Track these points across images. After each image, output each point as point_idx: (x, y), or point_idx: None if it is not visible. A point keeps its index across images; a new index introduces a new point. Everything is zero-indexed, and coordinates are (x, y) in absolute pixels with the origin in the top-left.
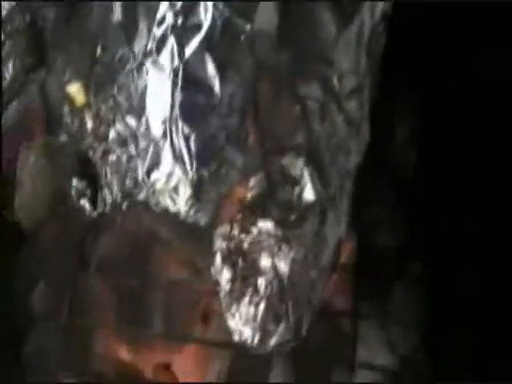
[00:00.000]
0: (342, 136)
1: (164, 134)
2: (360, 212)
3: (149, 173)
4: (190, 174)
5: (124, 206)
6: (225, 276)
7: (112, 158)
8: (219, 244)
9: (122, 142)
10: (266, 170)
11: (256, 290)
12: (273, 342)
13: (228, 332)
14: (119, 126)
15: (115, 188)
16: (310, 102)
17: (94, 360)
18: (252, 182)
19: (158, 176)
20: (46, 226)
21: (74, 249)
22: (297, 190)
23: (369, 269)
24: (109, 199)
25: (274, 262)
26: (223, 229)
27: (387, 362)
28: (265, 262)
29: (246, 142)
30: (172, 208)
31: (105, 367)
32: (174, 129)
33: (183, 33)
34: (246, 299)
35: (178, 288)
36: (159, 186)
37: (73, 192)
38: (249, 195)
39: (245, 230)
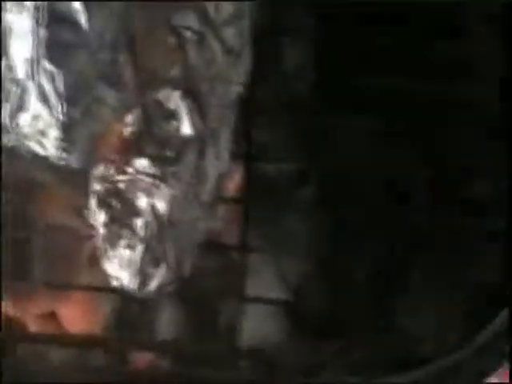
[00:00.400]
0: (220, 65)
1: (28, 75)
2: (247, 138)
3: (14, 116)
4: (58, 115)
5: None
6: (100, 219)
7: None
8: (95, 186)
9: None
10: (142, 106)
11: (133, 232)
12: (153, 284)
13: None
14: None
15: None
16: (185, 32)
17: None
18: (129, 118)
19: (24, 119)
20: None
21: None
22: (174, 124)
23: (258, 198)
24: None
25: (152, 202)
26: (99, 170)
27: (279, 295)
28: (142, 202)
29: (120, 78)
30: (42, 152)
31: None
32: (39, 68)
33: None
34: (123, 242)
35: (59, 233)
36: (26, 129)
37: None
38: (126, 133)
39: (121, 170)
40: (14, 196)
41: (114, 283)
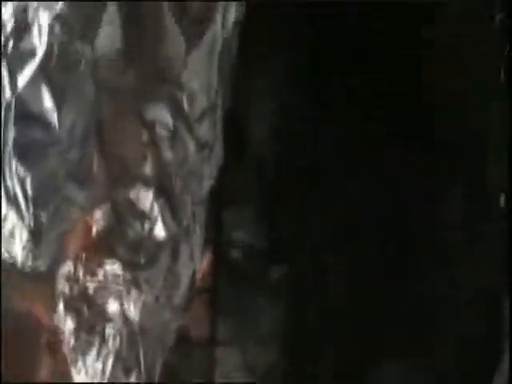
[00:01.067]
0: (195, 162)
1: None
2: (217, 227)
3: None
4: (27, 217)
5: None
6: (68, 325)
7: None
8: (62, 287)
9: None
10: (112, 203)
11: (104, 341)
12: None
13: None
14: None
15: None
16: (158, 128)
17: None
18: (98, 214)
19: None
20: None
21: None
22: (147, 226)
23: (226, 285)
24: None
25: (123, 308)
26: (66, 269)
27: None
28: (113, 307)
29: (90, 175)
30: (8, 257)
31: None
32: (7, 169)
33: (15, 59)
34: (94, 352)
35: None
36: None
37: None
38: (94, 230)
39: (90, 271)
40: None
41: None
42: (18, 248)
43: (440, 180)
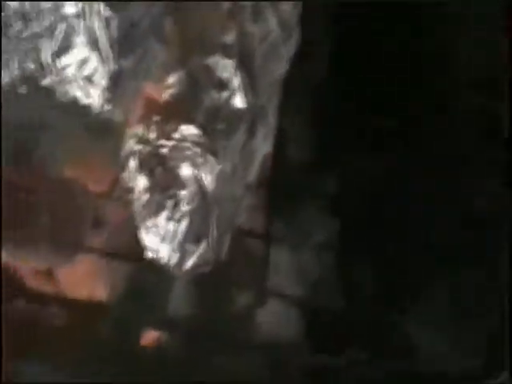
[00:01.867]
0: (275, 40)
1: (79, 14)
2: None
3: (57, 56)
4: (109, 62)
5: (23, 89)
6: (140, 184)
7: (11, 32)
8: (132, 146)
9: (22, 16)
10: (187, 68)
11: (177, 204)
12: (190, 263)
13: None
14: None
15: (13, 67)
16: None
17: None
18: (171, 79)
19: (69, 61)
20: None
21: None
22: (225, 95)
23: (281, 187)
24: (5, 78)
25: (198, 174)
26: (137, 130)
27: (298, 291)
28: (187, 172)
29: (167, 35)
30: (84, 100)
31: None
32: (92, 10)
33: None
34: (165, 213)
35: (67, 188)
36: (70, 72)
37: None
38: (167, 95)
39: (164, 134)
40: (22, 135)
41: (150, 255)
42: (95, 93)
43: None
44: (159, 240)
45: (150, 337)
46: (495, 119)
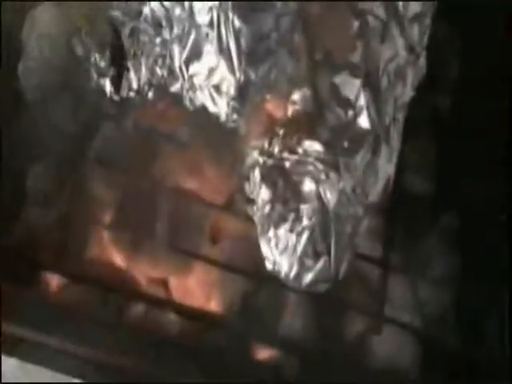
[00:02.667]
0: (402, 62)
1: (211, 23)
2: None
3: (187, 63)
4: (237, 72)
5: (151, 94)
6: (263, 195)
7: (143, 38)
8: (256, 158)
9: (156, 23)
10: (313, 85)
11: (298, 218)
12: (308, 278)
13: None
14: (155, 4)
15: (144, 73)
16: (370, 19)
17: (87, 263)
18: (296, 95)
19: (198, 69)
20: (53, 99)
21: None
22: (350, 113)
23: (401, 214)
24: (134, 85)
25: (320, 190)
26: (260, 142)
27: (415, 322)
28: (309, 187)
29: (296, 50)
30: (211, 108)
31: (99, 271)
32: (222, 19)
33: None
34: (287, 226)
35: (186, 197)
36: (199, 80)
37: (93, 69)
38: (292, 109)
39: (288, 148)
40: (146, 146)
41: (269, 266)
42: (222, 102)
43: None
44: (279, 252)
45: (264, 353)
46: None
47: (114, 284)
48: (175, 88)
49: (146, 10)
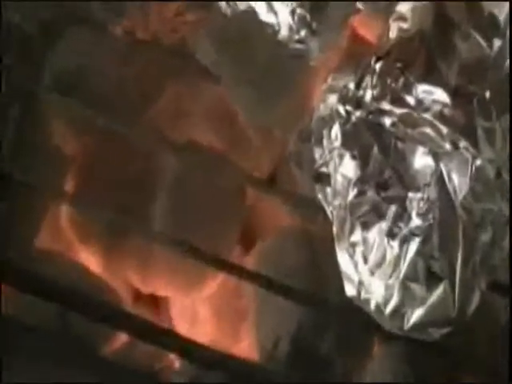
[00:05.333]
0: None
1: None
2: None
3: None
4: None
5: None
6: (345, 171)
7: None
8: (333, 107)
9: None
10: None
11: (404, 214)
12: (416, 316)
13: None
14: None
15: None
16: None
17: (36, 261)
18: (406, 5)
19: None
20: None
21: None
22: (498, 44)
23: None
24: None
25: (442, 169)
26: (341, 81)
27: None
28: (423, 163)
29: None
30: (264, 16)
31: (57, 277)
32: None
33: None
34: (384, 226)
35: (205, 163)
36: None
37: None
38: (396, 29)
39: (389, 93)
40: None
41: (350, 291)
42: (285, 10)
43: None
44: (368, 269)
45: None
46: None
47: (79, 300)
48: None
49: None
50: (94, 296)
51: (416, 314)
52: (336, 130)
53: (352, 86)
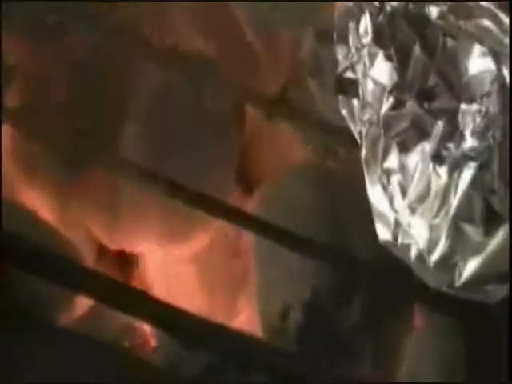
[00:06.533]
0: None
1: None
2: None
3: None
4: None
5: None
6: (376, 74)
7: None
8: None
9: None
10: None
11: (454, 132)
12: (471, 268)
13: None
14: None
15: None
16: None
17: None
18: None
19: None
20: None
21: None
22: None
23: None
24: None
25: (502, 70)
26: None
27: None
28: (481, 66)
29: None
30: None
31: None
32: None
33: None
34: (428, 148)
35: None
36: None
37: None
38: None
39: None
40: None
41: (383, 235)
42: None
43: None
44: (407, 206)
45: None
46: None
47: (29, 256)
48: None
49: None
50: (46, 250)
51: (470, 266)
52: (366, 22)
53: None
